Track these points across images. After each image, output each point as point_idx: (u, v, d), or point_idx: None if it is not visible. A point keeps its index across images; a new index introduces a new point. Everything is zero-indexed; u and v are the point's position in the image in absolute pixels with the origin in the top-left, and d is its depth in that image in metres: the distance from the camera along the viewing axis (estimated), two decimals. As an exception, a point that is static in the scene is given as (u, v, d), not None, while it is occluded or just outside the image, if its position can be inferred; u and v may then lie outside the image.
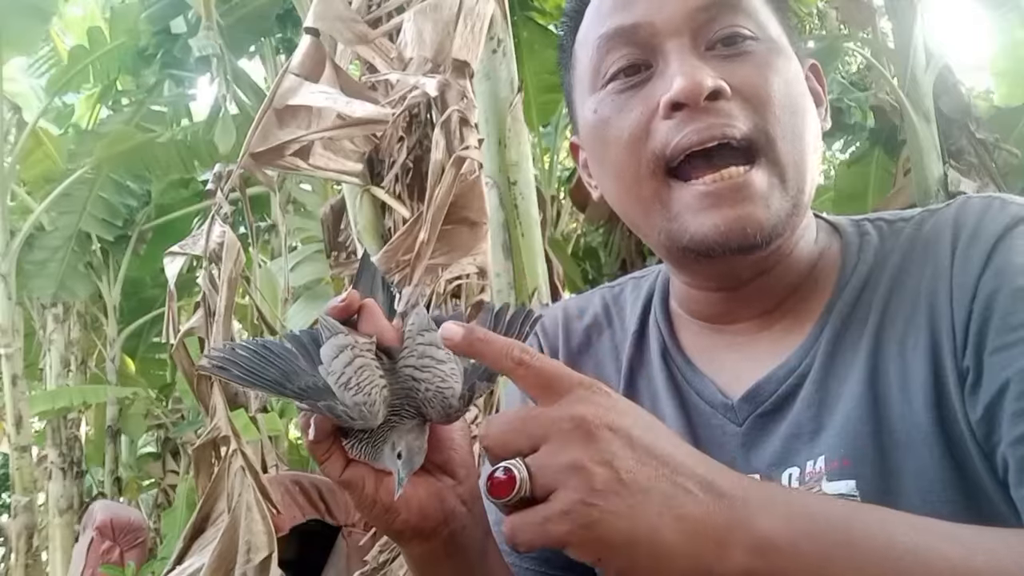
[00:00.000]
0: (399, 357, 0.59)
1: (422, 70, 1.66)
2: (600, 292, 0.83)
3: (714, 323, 0.71)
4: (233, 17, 5.01)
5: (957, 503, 0.56)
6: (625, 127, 0.64)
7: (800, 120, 0.63)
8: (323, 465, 0.58)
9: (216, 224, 1.82)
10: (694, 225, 0.62)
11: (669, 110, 0.61)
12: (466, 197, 1.75)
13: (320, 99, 1.48)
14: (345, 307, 0.61)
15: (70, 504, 6.34)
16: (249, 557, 1.80)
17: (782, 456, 0.63)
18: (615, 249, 4.95)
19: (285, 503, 3.09)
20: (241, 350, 0.56)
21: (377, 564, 1.93)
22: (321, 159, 1.57)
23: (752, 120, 0.61)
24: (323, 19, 1.62)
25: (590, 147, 0.70)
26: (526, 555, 0.73)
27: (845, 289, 0.65)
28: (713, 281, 0.68)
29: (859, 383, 0.61)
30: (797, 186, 0.62)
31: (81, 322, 7.00)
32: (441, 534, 0.61)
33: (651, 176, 0.63)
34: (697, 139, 0.60)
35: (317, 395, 0.54)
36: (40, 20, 5.38)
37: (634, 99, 0.64)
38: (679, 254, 0.65)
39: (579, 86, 0.70)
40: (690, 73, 0.61)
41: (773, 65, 0.63)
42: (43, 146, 6.30)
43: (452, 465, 0.62)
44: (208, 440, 1.88)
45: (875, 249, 0.66)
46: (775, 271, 0.67)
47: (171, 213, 6.69)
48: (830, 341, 0.64)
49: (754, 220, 0.60)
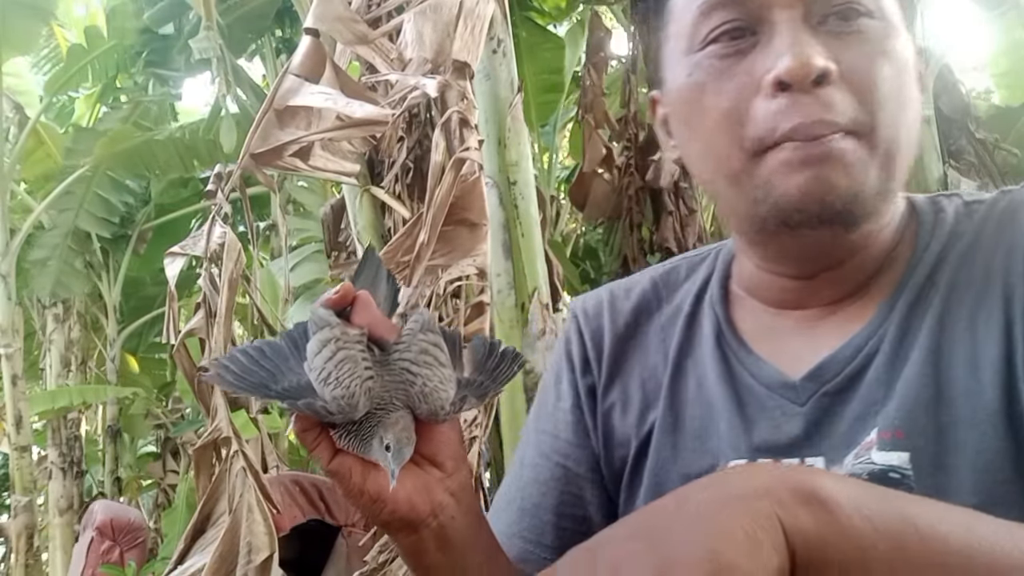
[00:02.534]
0: (394, 349, 0.60)
1: (422, 71, 1.66)
2: (649, 273, 0.80)
3: (779, 308, 0.68)
4: (232, 16, 5.01)
5: (1014, 483, 0.54)
6: (723, 98, 0.60)
7: (903, 110, 0.60)
8: (311, 454, 0.58)
9: (217, 224, 1.82)
10: (779, 189, 0.59)
11: (774, 89, 0.58)
12: (466, 198, 1.75)
13: (320, 100, 1.48)
14: (339, 299, 0.61)
15: (70, 504, 6.33)
16: (250, 558, 1.81)
17: (849, 437, 0.60)
18: (616, 248, 4.95)
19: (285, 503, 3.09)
20: (240, 354, 0.57)
21: (377, 564, 1.93)
22: (320, 160, 1.57)
23: (856, 109, 0.58)
24: (323, 19, 1.63)
25: (678, 109, 0.66)
26: (543, 543, 0.73)
27: (918, 267, 0.63)
28: (791, 264, 0.65)
29: (921, 357, 0.59)
30: (888, 173, 0.60)
31: (81, 322, 6.99)
32: (430, 525, 0.61)
33: (743, 152, 0.60)
34: (802, 135, 0.57)
35: (298, 393, 0.55)
36: (40, 20, 5.38)
37: (735, 68, 0.60)
38: (759, 224, 0.62)
39: (672, 44, 0.66)
40: (800, 51, 0.57)
41: (887, 50, 0.59)
42: (44, 145, 6.30)
43: (440, 458, 0.61)
44: (209, 441, 1.89)
45: (949, 228, 0.64)
46: (854, 261, 0.64)
47: (171, 213, 6.69)
48: (901, 321, 0.61)
49: (838, 186, 0.57)
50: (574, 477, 0.74)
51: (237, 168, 1.58)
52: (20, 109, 6.06)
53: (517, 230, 2.67)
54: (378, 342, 0.60)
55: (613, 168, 4.77)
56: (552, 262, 2.96)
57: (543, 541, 0.73)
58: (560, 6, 5.16)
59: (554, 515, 0.73)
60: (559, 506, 0.73)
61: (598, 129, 4.67)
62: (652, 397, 0.71)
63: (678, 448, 0.68)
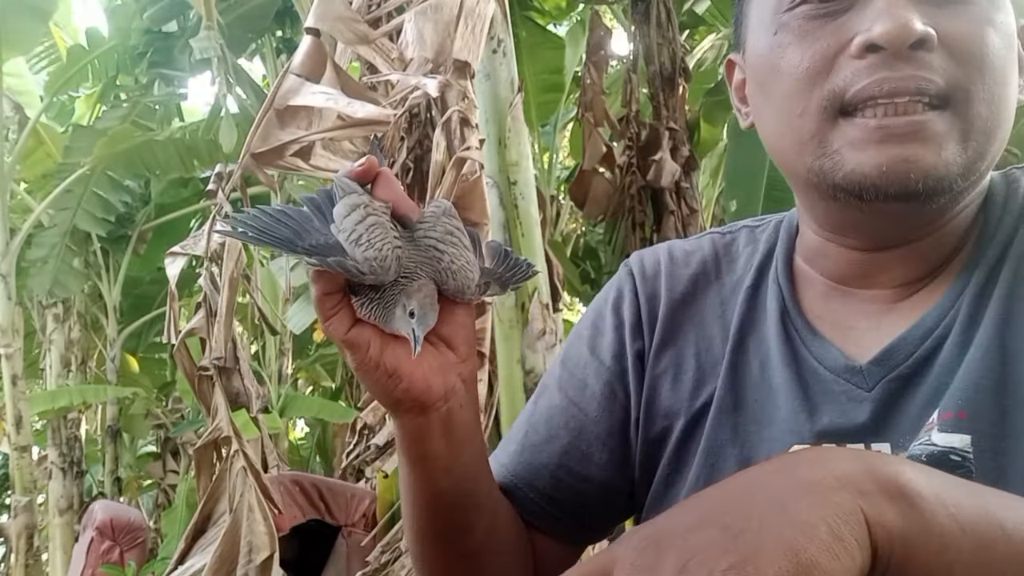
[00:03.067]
0: (418, 227, 0.58)
1: (423, 71, 1.66)
2: (711, 237, 0.75)
3: (847, 285, 0.64)
4: (232, 15, 5.00)
5: None
6: (806, 57, 0.57)
7: (1005, 85, 0.56)
8: (328, 322, 0.55)
9: (217, 224, 1.82)
10: (853, 161, 0.55)
11: (863, 51, 0.54)
12: (467, 198, 1.75)
13: (321, 99, 1.48)
14: (364, 171, 0.58)
15: (70, 504, 6.33)
16: (251, 558, 1.81)
17: (918, 424, 0.57)
18: (618, 246, 4.94)
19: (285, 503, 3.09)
20: (259, 213, 0.55)
21: (379, 564, 1.93)
22: (321, 159, 1.57)
23: (954, 76, 0.54)
24: (324, 19, 1.63)
25: (756, 70, 0.63)
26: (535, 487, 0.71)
27: (990, 244, 0.59)
28: (860, 236, 0.62)
29: (987, 336, 0.56)
30: (978, 150, 0.56)
31: (81, 322, 6.99)
32: (439, 409, 0.59)
33: (819, 112, 0.57)
34: (887, 90, 0.54)
35: (328, 251, 0.53)
36: (40, 20, 5.38)
37: (823, 29, 0.57)
38: (828, 193, 0.58)
39: (759, 2, 0.62)
40: (898, 14, 0.53)
41: (992, 19, 0.55)
42: (44, 145, 6.30)
43: (456, 340, 0.60)
44: (209, 440, 1.89)
45: (1021, 202, 0.61)
46: (931, 238, 0.60)
47: (171, 213, 6.68)
48: (972, 300, 0.58)
49: (921, 164, 0.54)
50: (588, 435, 0.71)
51: (238, 168, 1.58)
52: (20, 109, 6.06)
53: (517, 230, 2.67)
54: (400, 219, 0.59)
55: (614, 167, 4.77)
56: (552, 262, 2.96)
57: (535, 483, 0.71)
58: (560, 6, 5.16)
59: (555, 463, 0.71)
60: (563, 456, 0.71)
61: (598, 127, 4.67)
62: (708, 371, 0.68)
63: (738, 431, 0.65)
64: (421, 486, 0.64)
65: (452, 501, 0.64)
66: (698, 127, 4.76)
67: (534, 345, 2.67)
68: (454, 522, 0.65)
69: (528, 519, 0.72)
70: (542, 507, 0.71)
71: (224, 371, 1.93)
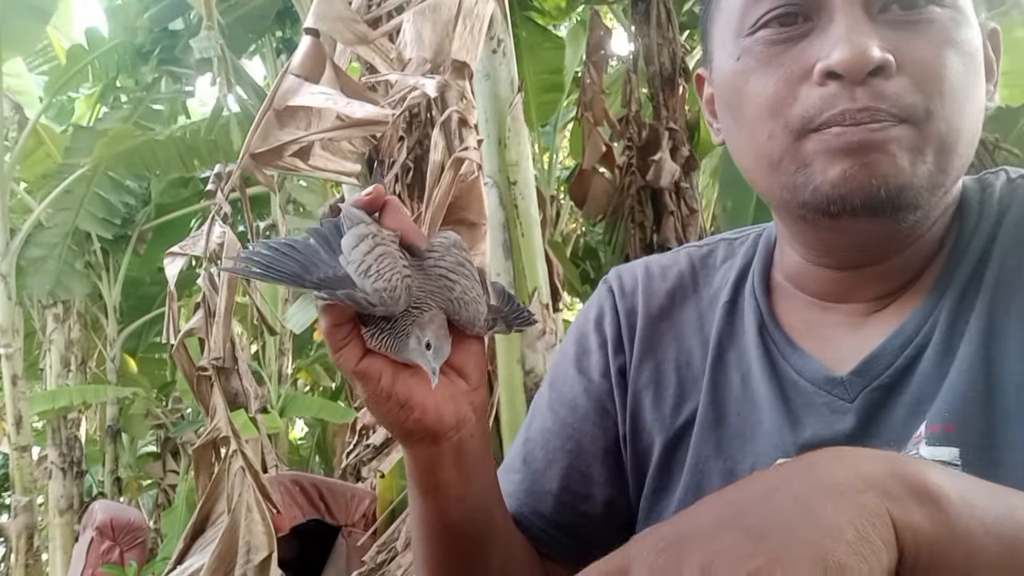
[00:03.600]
0: (427, 256, 0.58)
1: (421, 71, 1.66)
2: (687, 251, 0.76)
3: (824, 300, 0.65)
4: (232, 16, 5.01)
5: None
6: (770, 84, 0.57)
7: (966, 102, 0.56)
8: (338, 354, 0.55)
9: (216, 224, 1.82)
10: (820, 175, 0.55)
11: (824, 78, 0.55)
12: (465, 198, 1.74)
13: (320, 100, 1.48)
14: (371, 200, 0.57)
15: (70, 504, 6.33)
16: (249, 557, 1.81)
17: (904, 432, 0.57)
18: (618, 246, 4.93)
19: (285, 503, 3.09)
20: (263, 248, 0.55)
21: (376, 564, 1.93)
22: (320, 160, 1.57)
23: (913, 99, 0.54)
24: (323, 19, 1.62)
25: (722, 92, 0.64)
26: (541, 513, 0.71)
27: (966, 252, 0.59)
28: (835, 257, 0.62)
29: (972, 348, 0.56)
30: (939, 164, 0.56)
31: (81, 322, 6.99)
32: (450, 439, 0.59)
33: (786, 136, 0.57)
34: (850, 120, 0.54)
35: (336, 284, 0.52)
36: (40, 20, 5.38)
37: (785, 55, 0.57)
38: (799, 213, 0.59)
39: (722, 22, 0.63)
40: (856, 41, 0.53)
41: (953, 40, 0.56)
42: (44, 145, 6.30)
43: (467, 369, 0.60)
44: (208, 440, 1.89)
45: (996, 207, 0.60)
46: (902, 256, 0.60)
47: (171, 213, 6.68)
48: (952, 308, 0.58)
49: (879, 169, 0.54)
50: (585, 454, 0.72)
51: (237, 168, 1.58)
52: (19, 109, 6.06)
53: (517, 230, 2.66)
54: (408, 248, 0.58)
55: (614, 167, 4.77)
56: (552, 262, 2.95)
57: (539, 510, 0.72)
58: (560, 6, 5.15)
59: (557, 487, 0.72)
60: (564, 479, 0.72)
61: (597, 127, 4.67)
62: (689, 386, 0.69)
63: (721, 446, 0.65)
64: (433, 517, 0.63)
65: (466, 532, 0.63)
66: (698, 127, 4.75)
67: (534, 345, 2.67)
68: (469, 553, 0.65)
69: (538, 548, 0.72)
70: (549, 534, 0.72)
71: (222, 371, 1.93)
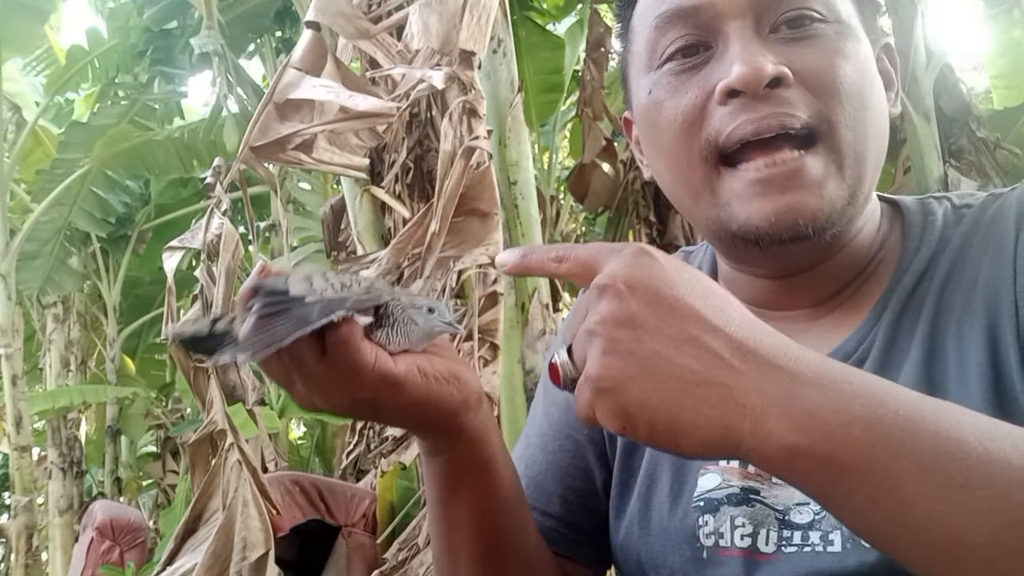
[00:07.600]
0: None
1: (429, 63, 1.66)
2: None
3: (764, 308, 0.67)
4: (231, 15, 5.01)
5: None
6: (679, 111, 0.61)
7: (866, 109, 0.60)
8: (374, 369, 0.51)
9: (214, 217, 1.81)
10: (744, 213, 0.59)
11: (725, 96, 0.58)
12: (476, 188, 1.73)
13: (322, 93, 1.48)
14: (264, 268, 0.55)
15: (70, 504, 6.33)
16: (245, 555, 1.78)
17: None
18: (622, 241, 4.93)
19: (285, 503, 3.08)
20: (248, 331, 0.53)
21: (397, 562, 1.91)
22: (325, 153, 1.56)
23: (814, 107, 0.58)
24: (324, 13, 1.62)
25: (643, 127, 0.68)
26: (549, 514, 0.72)
27: (906, 273, 0.62)
28: (764, 269, 0.66)
29: (915, 368, 0.58)
30: (856, 176, 0.59)
31: (81, 322, 6.99)
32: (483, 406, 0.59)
33: (702, 162, 0.61)
34: (753, 129, 0.58)
35: (337, 305, 0.52)
36: (39, 20, 5.38)
37: (690, 82, 0.61)
38: (729, 241, 0.62)
39: (635, 63, 0.67)
40: (750, 59, 0.57)
41: (841, 50, 0.60)
42: (43, 146, 6.29)
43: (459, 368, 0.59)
44: (204, 435, 1.87)
45: (939, 232, 0.63)
46: (832, 261, 0.64)
47: (171, 213, 6.69)
48: (889, 326, 0.60)
49: (806, 209, 0.57)
50: (583, 450, 0.74)
51: (236, 161, 1.58)
52: (18, 110, 6.06)
53: (517, 230, 2.66)
54: None
55: (616, 163, 4.78)
56: (552, 261, 2.95)
57: (548, 510, 0.73)
58: (559, 4, 5.16)
59: (561, 486, 0.73)
60: (565, 477, 0.74)
61: (597, 121, 4.69)
62: None
63: None
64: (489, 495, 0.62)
65: (512, 511, 0.64)
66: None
67: (534, 345, 2.66)
68: (515, 530, 0.65)
69: (555, 549, 0.73)
70: (561, 532, 0.73)
71: (221, 365, 1.92)
